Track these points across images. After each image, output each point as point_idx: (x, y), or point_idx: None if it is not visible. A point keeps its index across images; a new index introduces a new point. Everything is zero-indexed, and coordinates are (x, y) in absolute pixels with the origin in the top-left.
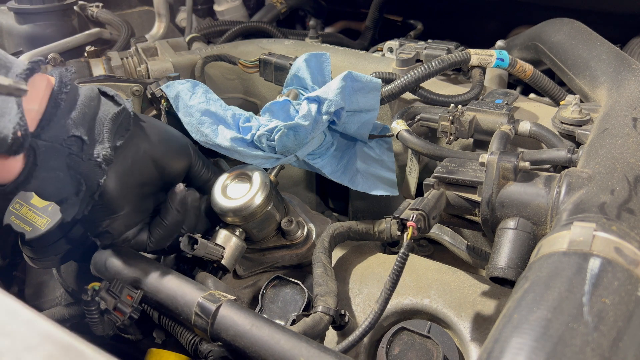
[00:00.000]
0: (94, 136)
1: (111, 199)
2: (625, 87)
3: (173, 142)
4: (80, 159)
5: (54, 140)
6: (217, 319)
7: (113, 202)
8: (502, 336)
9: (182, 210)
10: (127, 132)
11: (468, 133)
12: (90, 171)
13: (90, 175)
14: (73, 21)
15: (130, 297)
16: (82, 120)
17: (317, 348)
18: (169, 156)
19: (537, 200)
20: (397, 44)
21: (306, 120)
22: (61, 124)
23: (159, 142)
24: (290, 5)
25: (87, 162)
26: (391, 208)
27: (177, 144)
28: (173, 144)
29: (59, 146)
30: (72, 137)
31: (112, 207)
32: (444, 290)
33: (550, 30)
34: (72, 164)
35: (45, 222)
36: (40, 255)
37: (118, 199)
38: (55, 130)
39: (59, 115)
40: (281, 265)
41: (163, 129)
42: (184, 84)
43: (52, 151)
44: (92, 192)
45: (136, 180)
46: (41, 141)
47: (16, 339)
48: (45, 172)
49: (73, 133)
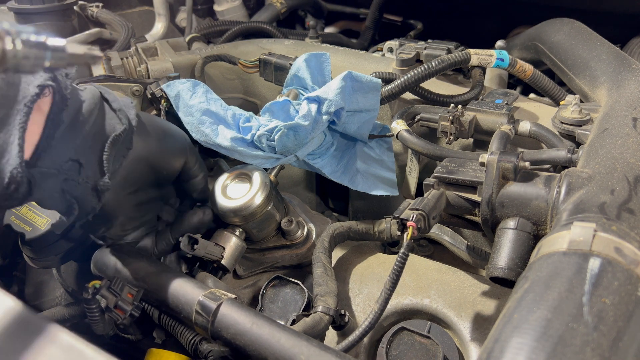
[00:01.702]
0: (93, 157)
1: (105, 210)
2: (625, 87)
3: (170, 141)
4: (76, 183)
5: (50, 166)
6: (217, 317)
7: (108, 213)
8: (502, 336)
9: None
10: (127, 151)
11: (468, 133)
12: (86, 195)
13: (85, 199)
14: (73, 21)
15: (131, 295)
16: (81, 140)
17: (317, 347)
18: (165, 156)
19: (537, 200)
20: (397, 44)
21: (306, 120)
22: (59, 148)
23: (157, 142)
24: (290, 5)
25: (84, 184)
26: (391, 208)
27: (174, 142)
28: (170, 144)
29: (55, 172)
30: (70, 162)
31: (107, 217)
32: (444, 290)
33: (550, 30)
34: (67, 188)
35: (45, 222)
36: (40, 255)
37: (112, 210)
38: (52, 155)
39: (57, 138)
40: (281, 265)
41: (161, 128)
42: (184, 84)
43: (47, 177)
44: (85, 214)
45: (131, 188)
46: (37, 169)
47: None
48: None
49: (70, 157)
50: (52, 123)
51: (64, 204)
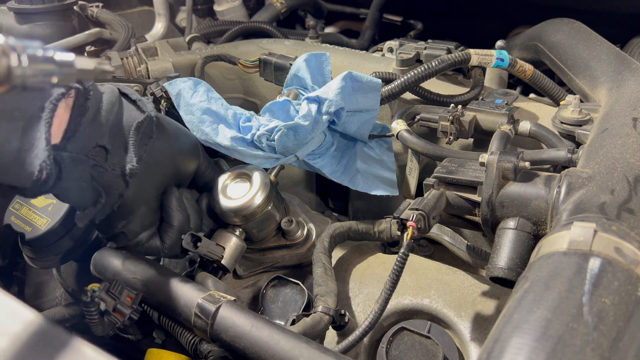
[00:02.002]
0: (118, 144)
1: (128, 200)
2: (625, 87)
3: (186, 141)
4: (104, 169)
5: (79, 151)
6: (216, 319)
7: (130, 203)
8: (502, 336)
9: (182, 209)
10: (149, 139)
11: (468, 133)
12: (113, 182)
13: (112, 185)
14: (73, 21)
15: (129, 298)
16: (106, 128)
17: (317, 349)
18: (183, 155)
19: (537, 200)
20: (397, 44)
21: (306, 120)
22: (86, 134)
23: (176, 140)
24: (290, 5)
25: (111, 172)
26: (391, 208)
27: (190, 143)
28: (186, 143)
29: (84, 157)
30: (97, 147)
31: (128, 208)
32: (444, 290)
33: (550, 30)
34: (95, 174)
35: (45, 222)
36: (40, 255)
37: (135, 201)
38: (80, 140)
39: (83, 124)
40: (281, 265)
41: (178, 127)
42: (186, 82)
43: (76, 162)
44: (111, 203)
45: (154, 180)
46: (66, 153)
47: (16, 339)
48: (67, 182)
49: (98, 143)
50: (79, 110)
51: (92, 192)
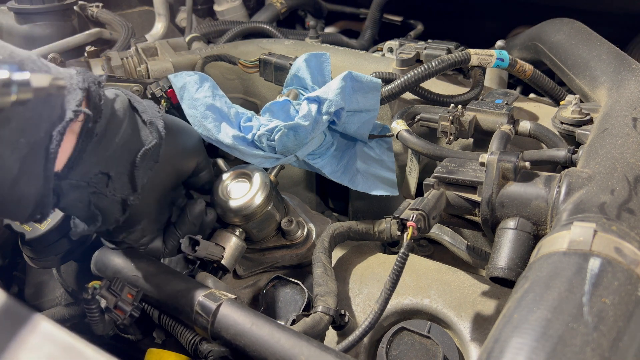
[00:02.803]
0: (121, 169)
1: (130, 218)
2: (625, 87)
3: (189, 140)
4: (104, 195)
5: (80, 178)
6: (217, 317)
7: (131, 220)
8: (502, 336)
9: (198, 224)
10: (154, 164)
11: (468, 133)
12: (112, 208)
13: (111, 211)
14: (73, 21)
15: (130, 295)
16: (111, 154)
17: (317, 347)
18: (185, 157)
19: (537, 200)
20: (397, 44)
21: (306, 121)
22: (90, 161)
23: (177, 143)
24: (290, 6)
25: (111, 197)
26: (391, 208)
27: (192, 141)
28: (189, 143)
29: (84, 184)
30: (100, 174)
31: (130, 223)
32: (444, 290)
33: (550, 30)
34: (94, 200)
35: (46, 222)
36: (40, 255)
37: (137, 215)
38: (83, 167)
39: (88, 150)
40: (281, 265)
41: (180, 126)
42: (192, 76)
43: (76, 188)
44: (108, 225)
45: (156, 192)
46: (67, 181)
47: (16, 339)
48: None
49: (100, 170)
50: (86, 136)
51: (88, 214)
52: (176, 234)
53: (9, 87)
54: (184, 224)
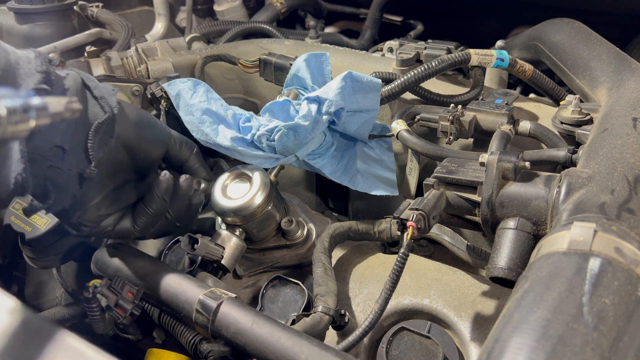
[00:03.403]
0: (76, 143)
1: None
2: (625, 87)
3: (147, 129)
4: (60, 169)
5: (36, 151)
6: (218, 316)
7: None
8: (502, 336)
9: (168, 199)
10: (110, 139)
11: (468, 133)
12: (68, 183)
13: (66, 186)
14: (73, 21)
15: (131, 293)
16: (65, 128)
17: (317, 346)
18: (142, 141)
19: (537, 200)
20: (397, 44)
21: (306, 121)
22: (43, 134)
23: (134, 125)
24: (290, 5)
25: (67, 172)
26: (391, 208)
27: (152, 131)
28: (148, 131)
29: (40, 157)
30: (54, 148)
31: (85, 199)
32: (444, 290)
33: (550, 30)
34: (50, 175)
35: (45, 222)
36: (40, 255)
37: (91, 191)
38: (38, 141)
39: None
40: (281, 265)
41: (139, 115)
42: (185, 83)
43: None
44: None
45: (107, 169)
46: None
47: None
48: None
49: (56, 143)
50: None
51: (41, 190)
52: (146, 211)
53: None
54: (153, 201)
